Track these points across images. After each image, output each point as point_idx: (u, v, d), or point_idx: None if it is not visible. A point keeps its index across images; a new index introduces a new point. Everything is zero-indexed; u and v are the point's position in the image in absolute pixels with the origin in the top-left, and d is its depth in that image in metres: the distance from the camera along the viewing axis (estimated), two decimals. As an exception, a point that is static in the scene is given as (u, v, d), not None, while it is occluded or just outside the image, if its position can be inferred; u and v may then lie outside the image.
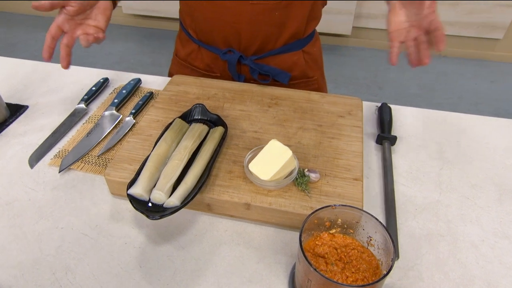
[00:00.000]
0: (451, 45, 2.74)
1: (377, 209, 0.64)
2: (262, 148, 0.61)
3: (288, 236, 0.60)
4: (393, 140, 0.76)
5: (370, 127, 0.82)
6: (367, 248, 0.51)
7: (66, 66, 0.62)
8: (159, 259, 0.57)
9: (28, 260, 0.56)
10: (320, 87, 0.94)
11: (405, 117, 0.85)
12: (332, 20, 2.69)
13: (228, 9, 0.77)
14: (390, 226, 0.61)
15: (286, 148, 0.59)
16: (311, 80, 0.91)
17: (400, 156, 0.75)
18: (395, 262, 0.57)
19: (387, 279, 0.54)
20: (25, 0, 3.09)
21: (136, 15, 3.10)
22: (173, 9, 2.82)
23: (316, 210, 0.49)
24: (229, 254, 0.57)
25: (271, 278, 0.54)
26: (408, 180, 0.70)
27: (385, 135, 0.76)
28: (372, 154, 0.75)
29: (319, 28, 0.89)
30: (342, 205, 0.50)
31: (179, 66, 0.95)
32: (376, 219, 0.48)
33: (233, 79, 0.88)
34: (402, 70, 2.70)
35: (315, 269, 0.43)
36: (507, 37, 2.60)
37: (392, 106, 0.86)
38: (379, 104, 0.85)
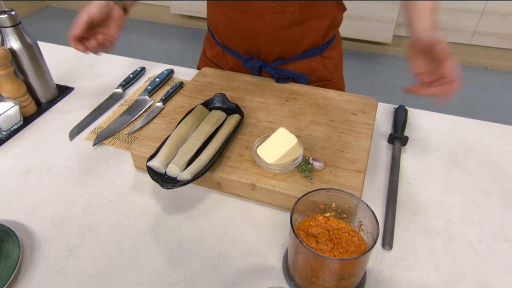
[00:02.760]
0: (498, 57, 2.63)
1: (378, 202, 0.67)
2: (271, 135, 0.66)
3: (288, 218, 0.64)
4: (404, 140, 0.78)
5: (385, 127, 0.84)
6: (358, 233, 0.54)
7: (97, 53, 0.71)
8: (169, 227, 0.63)
9: (60, 216, 0.65)
10: (338, 89, 0.96)
11: (421, 120, 0.86)
12: (373, 28, 2.67)
13: (247, 26, 0.83)
14: (388, 219, 0.63)
15: (292, 136, 0.63)
16: (329, 83, 0.94)
17: (410, 156, 0.77)
18: (388, 251, 0.59)
19: (378, 266, 0.57)
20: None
21: (183, 15, 3.25)
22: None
23: (310, 192, 0.54)
24: (233, 229, 0.63)
25: (267, 254, 0.59)
26: (414, 179, 0.72)
27: (396, 135, 0.78)
28: (383, 152, 0.78)
29: (359, 35, 0.92)
30: (336, 189, 0.54)
31: (205, 63, 1.01)
32: (366, 204, 0.51)
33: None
34: (443, 81, 2.62)
35: (300, 242, 0.47)
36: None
37: (410, 109, 0.88)
38: (397, 106, 0.87)
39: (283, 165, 0.63)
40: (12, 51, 0.81)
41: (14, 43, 0.81)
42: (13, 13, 0.79)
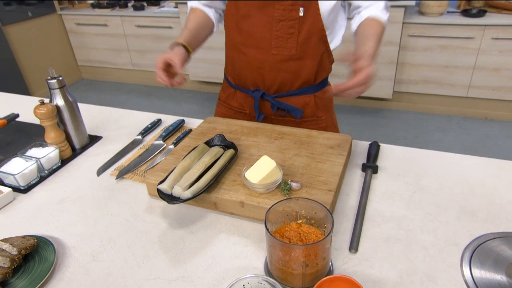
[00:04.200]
0: (496, 108, 2.77)
1: (349, 216, 0.79)
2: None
3: (272, 230, 0.77)
4: (375, 168, 0.92)
5: (361, 160, 0.98)
6: (323, 234, 0.67)
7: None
8: (174, 238, 0.77)
9: (86, 232, 0.80)
10: (328, 126, 1.13)
11: (393, 154, 1.00)
12: (374, 85, 2.89)
13: (256, 59, 1.04)
14: (356, 229, 0.75)
15: (273, 161, 0.79)
16: (320, 119, 1.12)
17: (380, 181, 0.90)
18: (354, 254, 0.71)
19: (344, 266, 0.69)
20: (110, 68, 3.77)
21: (200, 81, 3.60)
22: (231, 76, 3.26)
23: (282, 200, 0.68)
24: (225, 239, 0.76)
25: (252, 257, 0.71)
26: (382, 199, 0.84)
27: (368, 164, 0.92)
28: (357, 179, 0.91)
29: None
30: (303, 198, 0.68)
31: (220, 107, 1.23)
32: (327, 208, 0.65)
33: (257, 118, 1.12)
34: (445, 131, 2.76)
35: (271, 234, 0.61)
36: (555, 101, 2.58)
37: (383, 145, 1.03)
38: (371, 142, 1.02)
39: (266, 185, 0.78)
40: (57, 107, 1.03)
41: (59, 100, 1.03)
42: (60, 78, 1.02)
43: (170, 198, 0.78)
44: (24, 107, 1.33)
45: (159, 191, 0.79)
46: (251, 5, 1.01)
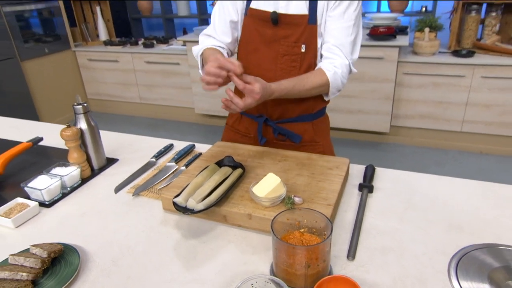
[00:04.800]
0: (490, 143, 2.88)
1: (347, 229, 0.87)
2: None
3: (277, 240, 0.84)
4: (371, 188, 1.00)
5: (358, 181, 1.07)
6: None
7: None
8: (187, 247, 0.84)
9: (107, 241, 0.87)
10: (324, 150, 1.22)
11: (387, 176, 1.09)
12: (371, 119, 3.03)
13: None
14: (353, 239, 0.83)
15: (278, 177, 0.88)
16: (317, 144, 1.22)
17: (375, 199, 0.98)
18: (351, 261, 0.78)
19: (342, 271, 0.76)
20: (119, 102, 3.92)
21: (205, 115, 3.74)
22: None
23: (287, 210, 0.76)
24: (234, 248, 0.83)
25: (259, 263, 0.79)
26: (377, 215, 0.92)
27: (365, 184, 1.01)
28: (354, 197, 0.99)
29: (361, 126, 1.21)
30: (305, 208, 0.76)
31: (228, 131, 1.34)
32: (326, 217, 0.73)
33: (259, 142, 1.22)
34: (442, 164, 2.85)
35: (276, 237, 0.68)
36: (545, 136, 2.69)
37: (377, 168, 1.12)
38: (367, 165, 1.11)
39: (271, 199, 0.86)
40: (81, 130, 1.13)
41: (83, 124, 1.13)
42: (85, 104, 1.14)
43: (184, 210, 0.86)
44: (46, 133, 1.43)
45: (174, 203, 0.88)
46: (260, 41, 1.14)
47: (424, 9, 3.38)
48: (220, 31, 1.20)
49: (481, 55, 2.74)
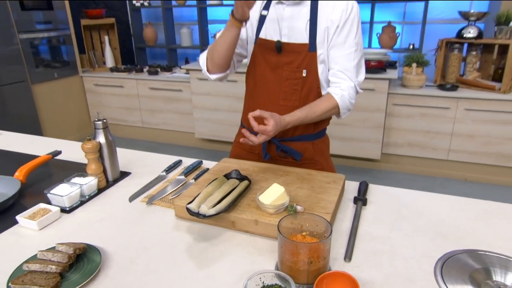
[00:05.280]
0: (474, 171, 2.99)
1: (344, 236, 0.94)
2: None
3: (280, 244, 0.91)
4: (364, 201, 1.09)
5: (353, 195, 1.15)
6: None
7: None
8: (198, 249, 0.91)
9: (124, 243, 0.94)
10: (323, 168, 1.30)
11: (379, 191, 1.17)
12: (363, 146, 3.14)
13: (267, 108, 1.22)
14: (349, 244, 0.90)
15: (281, 187, 0.96)
16: (317, 162, 1.31)
17: (368, 211, 1.06)
18: (348, 263, 0.85)
19: (338, 269, 0.83)
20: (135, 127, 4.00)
21: (205, 139, 3.83)
22: (229, 135, 3.51)
23: (290, 214, 0.84)
24: (242, 250, 0.90)
25: (265, 262, 0.85)
26: (370, 223, 1.00)
27: (359, 197, 1.09)
28: (349, 209, 1.08)
29: (353, 153, 1.30)
30: (308, 212, 0.84)
31: (235, 147, 1.43)
32: (326, 220, 0.81)
33: (264, 158, 1.31)
34: (429, 190, 2.93)
35: (282, 235, 0.76)
36: (526, 165, 2.82)
37: (371, 184, 1.20)
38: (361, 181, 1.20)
39: (276, 206, 0.94)
40: (100, 144, 1.21)
41: (101, 138, 1.21)
42: (104, 120, 1.22)
43: (197, 215, 0.93)
44: (60, 148, 1.50)
45: (188, 209, 0.95)
46: (266, 67, 1.25)
47: (411, 46, 3.58)
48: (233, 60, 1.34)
49: (464, 89, 2.90)
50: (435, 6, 3.52)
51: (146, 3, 4.44)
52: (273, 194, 0.95)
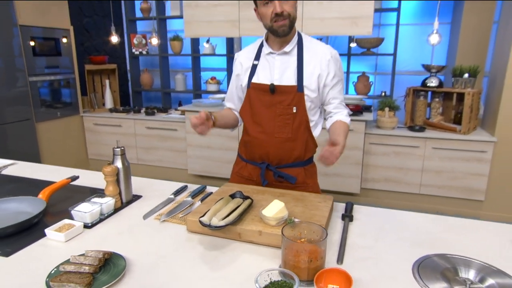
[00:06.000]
0: (443, 204, 3.16)
1: (335, 245, 1.05)
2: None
3: (281, 251, 1.01)
4: (351, 217, 1.21)
5: (341, 213, 1.27)
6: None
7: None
8: (210, 256, 0.99)
9: (143, 252, 1.01)
10: (314, 190, 1.43)
11: (363, 210, 1.30)
12: (344, 182, 3.29)
13: (264, 140, 1.39)
14: (341, 251, 1.01)
15: (281, 202, 1.07)
16: (308, 185, 1.44)
17: (354, 226, 1.18)
18: (340, 265, 0.96)
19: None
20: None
21: (197, 175, 3.91)
22: (220, 171, 3.61)
23: (291, 223, 0.95)
24: (248, 257, 0.99)
25: (270, 265, 0.95)
26: (357, 236, 1.11)
27: (346, 214, 1.21)
28: (338, 225, 1.19)
29: (335, 188, 1.45)
30: (305, 221, 0.95)
31: (234, 176, 1.54)
32: (322, 226, 0.92)
33: (262, 183, 1.42)
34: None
35: (285, 237, 0.86)
36: (488, 199, 3.01)
37: (356, 205, 1.33)
38: (346, 202, 1.32)
39: (277, 218, 1.05)
40: (117, 168, 1.31)
41: (119, 164, 1.31)
42: (122, 148, 1.33)
43: (209, 226, 1.03)
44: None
45: (201, 222, 1.04)
46: (261, 106, 1.41)
47: (383, 93, 3.88)
48: (236, 99, 1.54)
49: (431, 130, 3.14)
50: (402, 59, 3.87)
51: (144, 52, 4.68)
52: (274, 209, 1.06)
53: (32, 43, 3.34)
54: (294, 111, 1.38)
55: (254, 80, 1.44)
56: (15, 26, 3.17)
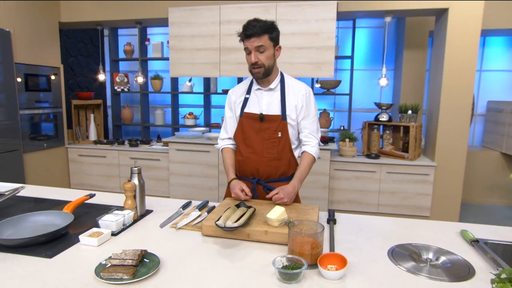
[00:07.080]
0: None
1: (326, 240, 1.22)
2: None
3: (285, 249, 1.17)
4: (334, 221, 1.39)
5: (325, 219, 1.45)
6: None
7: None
8: (226, 253, 1.13)
9: (165, 254, 1.12)
10: (296, 200, 1.61)
11: (342, 216, 1.49)
12: (313, 204, 3.49)
13: (254, 160, 1.56)
14: (331, 243, 1.18)
15: (282, 207, 1.25)
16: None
17: (338, 228, 1.36)
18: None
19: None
20: (103, 192, 4.02)
21: (177, 203, 3.94)
22: (201, 197, 3.68)
23: (293, 221, 1.12)
24: (259, 253, 1.14)
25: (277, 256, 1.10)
26: (341, 234, 1.30)
27: (330, 218, 1.40)
28: (325, 227, 1.37)
29: None
30: (305, 220, 1.13)
31: (228, 190, 1.67)
32: (319, 223, 1.10)
33: (253, 196, 1.58)
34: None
35: (292, 230, 1.03)
36: (432, 215, 3.34)
37: (337, 213, 1.53)
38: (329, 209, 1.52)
39: (280, 220, 1.21)
40: (135, 185, 1.41)
41: (136, 181, 1.42)
42: (139, 167, 1.45)
43: (225, 227, 1.17)
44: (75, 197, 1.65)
45: (217, 224, 1.18)
46: (252, 131, 1.61)
47: (342, 127, 4.24)
48: (229, 128, 1.70)
49: (384, 157, 3.49)
50: (357, 98, 4.30)
51: (126, 89, 4.77)
52: (276, 212, 1.23)
53: (21, 79, 3.35)
54: (279, 135, 1.59)
55: (246, 110, 1.64)
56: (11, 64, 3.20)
